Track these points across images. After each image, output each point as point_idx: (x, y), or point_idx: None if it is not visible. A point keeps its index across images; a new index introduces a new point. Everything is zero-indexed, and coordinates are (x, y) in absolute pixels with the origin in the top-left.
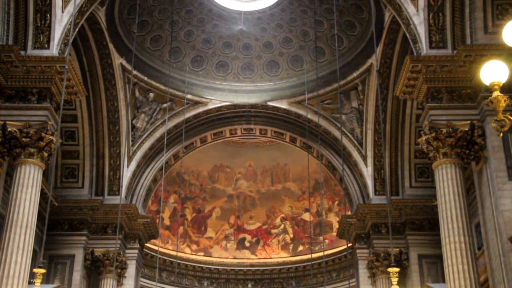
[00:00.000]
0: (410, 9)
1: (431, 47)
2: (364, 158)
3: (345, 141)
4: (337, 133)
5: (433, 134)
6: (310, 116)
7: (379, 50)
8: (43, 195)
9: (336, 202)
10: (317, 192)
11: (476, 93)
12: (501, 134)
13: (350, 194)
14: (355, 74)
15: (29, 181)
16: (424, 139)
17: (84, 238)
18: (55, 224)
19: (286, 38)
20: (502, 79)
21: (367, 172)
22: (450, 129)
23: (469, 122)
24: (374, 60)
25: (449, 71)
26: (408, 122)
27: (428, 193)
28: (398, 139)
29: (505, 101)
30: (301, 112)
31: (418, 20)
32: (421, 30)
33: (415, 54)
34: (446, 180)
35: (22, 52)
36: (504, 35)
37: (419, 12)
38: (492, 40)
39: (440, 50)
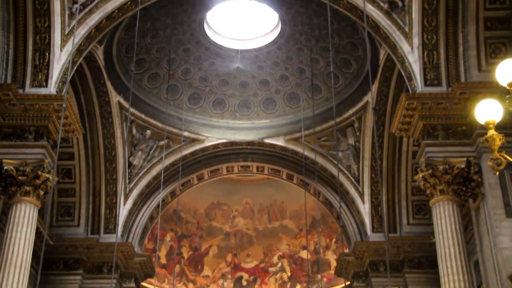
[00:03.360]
0: (405, 47)
1: (426, 85)
2: (361, 195)
3: (342, 178)
4: (334, 170)
5: (430, 171)
6: (307, 153)
7: (374, 87)
8: (38, 233)
9: (334, 240)
10: (315, 229)
11: (472, 130)
12: (497, 173)
13: (348, 232)
14: (351, 111)
15: (25, 220)
16: (421, 176)
17: (79, 277)
18: (50, 263)
19: (283, 76)
20: (497, 118)
21: (365, 209)
22: (447, 166)
23: (465, 159)
24: (370, 98)
25: (444, 108)
26: (405, 159)
27: (426, 230)
28: (395, 176)
29: (500, 139)
30: (298, 149)
31: (413, 58)
32: (416, 68)
33: (410, 91)
34: (444, 217)
35: (20, 91)
36: (497, 74)
37: (413, 50)
38: (486, 78)
39: (435, 87)
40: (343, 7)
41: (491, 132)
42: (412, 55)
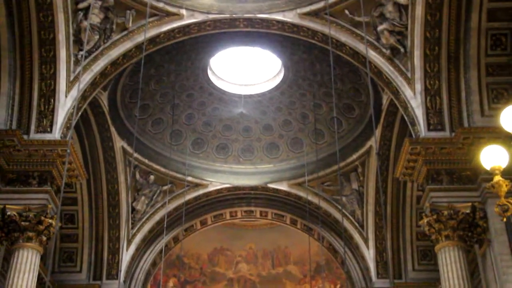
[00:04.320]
0: (408, 92)
1: (429, 130)
2: (366, 241)
3: (346, 224)
4: (338, 215)
5: (435, 217)
6: (310, 198)
7: (378, 132)
8: (40, 280)
9: (338, 286)
10: (319, 275)
11: (476, 175)
12: (505, 219)
13: (352, 278)
14: (354, 156)
15: (27, 266)
16: (425, 221)
17: None
18: None
19: (286, 121)
20: (503, 164)
21: (369, 255)
22: (452, 211)
23: (470, 204)
24: (373, 142)
25: (448, 153)
26: (409, 204)
27: (432, 276)
28: (400, 221)
29: (506, 185)
30: (302, 194)
31: (416, 103)
32: (419, 113)
33: (413, 136)
34: (450, 263)
35: (25, 136)
36: (502, 120)
37: (416, 95)
38: (489, 123)
39: (438, 132)
40: (346, 53)
41: (497, 178)
42: (415, 100)
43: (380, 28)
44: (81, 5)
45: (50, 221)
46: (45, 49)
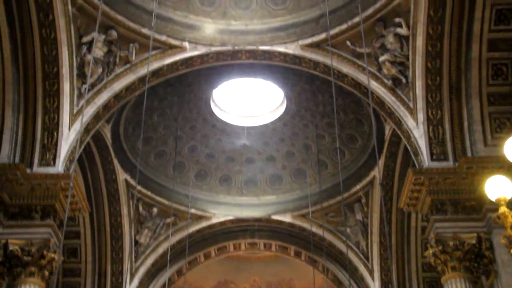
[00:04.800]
0: (410, 122)
1: (432, 160)
2: (371, 272)
3: (351, 255)
4: (342, 247)
5: (440, 247)
6: (314, 229)
7: (381, 162)
8: None
9: None
10: None
11: (481, 205)
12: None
13: None
14: (358, 187)
15: None
16: (431, 252)
17: None
18: None
19: (289, 152)
20: (508, 194)
21: (375, 286)
22: (457, 242)
23: (475, 234)
24: (376, 173)
25: (452, 183)
26: (414, 234)
27: None
28: (405, 252)
29: None
30: (306, 225)
31: (418, 133)
32: (422, 143)
33: (417, 166)
34: None
35: (28, 170)
36: (506, 150)
37: (418, 125)
38: (492, 152)
39: (442, 162)
40: (348, 84)
41: (503, 209)
42: (418, 130)
43: (381, 59)
44: (84, 39)
45: (52, 255)
46: (49, 83)
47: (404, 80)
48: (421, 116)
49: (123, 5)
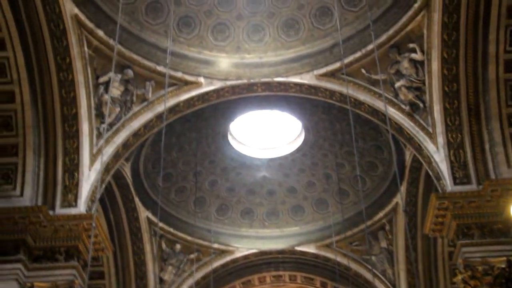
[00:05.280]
0: (430, 147)
1: (455, 184)
2: None
3: (378, 284)
4: (368, 276)
5: (469, 273)
6: (339, 259)
7: (403, 188)
8: None
9: None
10: None
11: (508, 227)
12: None
13: None
14: (381, 214)
15: None
16: (460, 278)
17: None
18: None
19: (309, 182)
20: None
21: None
22: (487, 267)
23: (505, 258)
24: (399, 199)
25: (477, 207)
26: (441, 260)
27: None
28: (433, 279)
29: None
30: (330, 255)
31: (439, 158)
32: (444, 167)
33: (440, 191)
34: None
35: (51, 212)
36: None
37: (439, 149)
38: None
39: (465, 186)
40: (365, 111)
41: None
42: (438, 155)
43: (397, 84)
44: (101, 80)
45: None
46: (68, 124)
47: (421, 105)
48: (441, 140)
49: (138, 44)
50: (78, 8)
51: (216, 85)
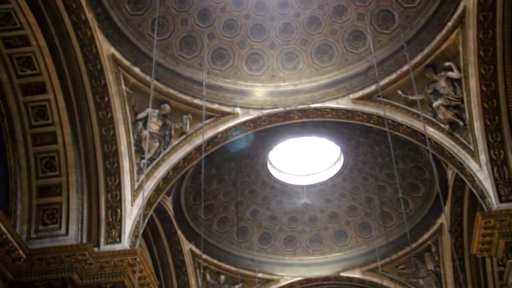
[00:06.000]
0: (473, 165)
1: (501, 201)
2: None
3: None
4: None
5: None
6: (385, 283)
7: (447, 209)
8: None
9: None
10: None
11: None
12: None
13: None
14: (426, 236)
15: None
16: None
17: None
18: None
19: (351, 207)
20: None
21: None
22: None
23: None
24: (444, 220)
25: None
26: (491, 280)
27: None
28: None
29: None
30: (376, 280)
31: (483, 176)
32: (488, 185)
33: (485, 209)
34: None
35: (96, 249)
36: None
37: (482, 167)
38: None
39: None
40: (403, 133)
41: None
42: (482, 173)
43: (435, 104)
44: (140, 116)
45: None
46: (109, 162)
47: (461, 123)
48: (483, 157)
49: (174, 79)
50: (115, 47)
51: (253, 114)
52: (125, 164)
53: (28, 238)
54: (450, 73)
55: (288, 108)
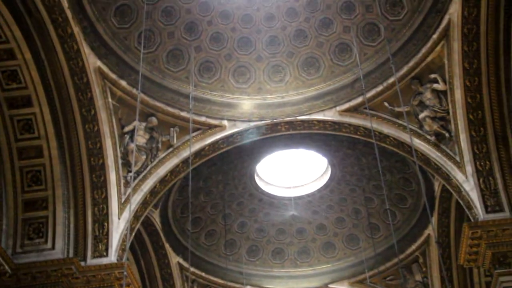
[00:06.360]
0: (459, 176)
1: (487, 212)
2: None
3: None
4: None
5: None
6: None
7: (434, 220)
8: None
9: None
10: None
11: None
12: None
13: None
14: (413, 247)
15: None
16: None
17: None
18: None
19: (339, 218)
20: None
21: None
22: None
23: None
24: (431, 231)
25: (511, 234)
26: None
27: None
28: None
29: None
30: None
31: (469, 187)
32: (474, 196)
33: (472, 220)
34: None
35: (82, 263)
36: None
37: (468, 178)
38: None
39: (498, 213)
40: (390, 144)
41: None
42: (468, 184)
43: (421, 115)
44: (126, 129)
45: None
46: (96, 175)
47: (447, 135)
48: (469, 168)
49: (160, 92)
50: (101, 60)
51: (240, 126)
52: (112, 177)
53: (13, 253)
54: (435, 85)
55: (275, 121)
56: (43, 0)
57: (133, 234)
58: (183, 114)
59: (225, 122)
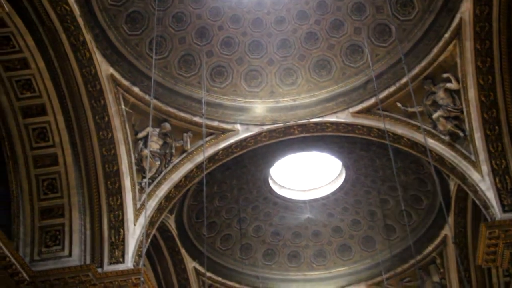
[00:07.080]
0: (475, 176)
1: (504, 211)
2: None
3: None
4: None
5: None
6: None
7: (451, 220)
8: None
9: None
10: None
11: None
12: None
13: None
14: (430, 248)
15: None
16: None
17: None
18: None
19: (354, 221)
20: None
21: None
22: None
23: None
24: (447, 231)
25: None
26: None
27: None
28: None
29: None
30: None
31: (485, 186)
32: (491, 195)
33: (489, 220)
34: None
35: (99, 270)
36: None
37: (484, 177)
38: None
39: None
40: (404, 145)
41: None
42: (484, 183)
43: (435, 115)
44: (140, 135)
45: None
46: (111, 182)
47: (461, 134)
48: (485, 168)
49: (173, 98)
50: (113, 67)
51: (253, 131)
52: (127, 183)
53: (31, 261)
54: (448, 85)
55: (288, 124)
56: (55, 8)
57: (149, 240)
58: (196, 119)
59: (238, 126)
